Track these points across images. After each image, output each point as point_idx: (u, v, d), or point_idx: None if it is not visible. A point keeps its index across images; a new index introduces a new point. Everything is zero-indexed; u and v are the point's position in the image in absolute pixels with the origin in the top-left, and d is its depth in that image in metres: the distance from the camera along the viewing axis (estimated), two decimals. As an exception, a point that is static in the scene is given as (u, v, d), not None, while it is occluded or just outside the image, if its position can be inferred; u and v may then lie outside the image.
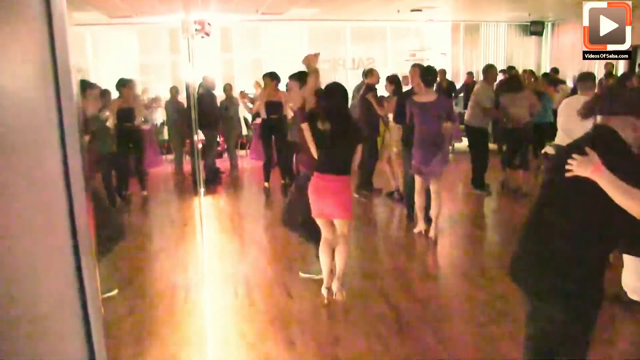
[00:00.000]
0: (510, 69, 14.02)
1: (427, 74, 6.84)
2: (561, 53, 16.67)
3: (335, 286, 5.18)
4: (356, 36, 16.21)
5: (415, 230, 7.17)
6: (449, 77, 14.58)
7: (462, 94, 14.63)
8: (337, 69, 15.86)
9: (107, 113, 8.15)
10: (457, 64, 17.08)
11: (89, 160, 1.22)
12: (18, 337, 1.11)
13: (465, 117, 9.52)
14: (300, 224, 5.59)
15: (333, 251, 5.18)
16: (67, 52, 1.13)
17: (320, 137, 4.95)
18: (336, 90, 5.04)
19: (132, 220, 8.41)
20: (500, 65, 15.47)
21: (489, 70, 9.60)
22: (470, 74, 15.13)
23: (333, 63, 15.99)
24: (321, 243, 5.20)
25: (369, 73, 9.10)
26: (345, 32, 16.06)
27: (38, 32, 1.09)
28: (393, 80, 8.76)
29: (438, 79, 13.41)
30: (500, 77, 11.30)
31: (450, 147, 11.03)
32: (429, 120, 6.66)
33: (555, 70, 14.81)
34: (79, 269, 1.19)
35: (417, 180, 6.96)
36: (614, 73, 13.15)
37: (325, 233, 5.16)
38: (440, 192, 6.91)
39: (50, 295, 1.17)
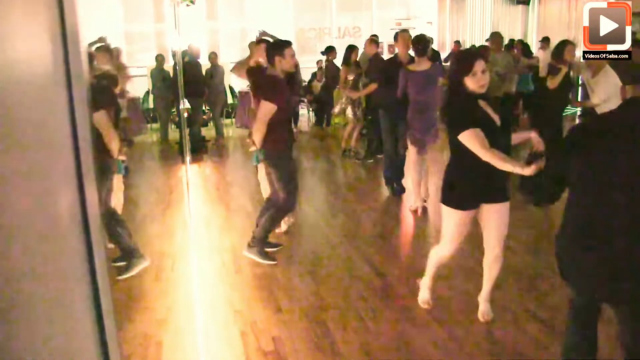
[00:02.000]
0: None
1: (418, 42, 6.69)
2: (548, 22, 16.64)
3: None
4: (342, 5, 16.09)
5: (412, 208, 6.93)
6: (435, 46, 14.53)
7: (449, 63, 14.59)
8: (322, 38, 15.77)
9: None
10: (443, 33, 17.02)
11: None
12: (33, 319, 1.12)
13: None
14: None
15: None
16: (76, 18, 1.13)
17: None
18: None
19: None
20: (488, 34, 15.46)
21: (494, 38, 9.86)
22: (457, 42, 15.11)
23: (319, 32, 15.89)
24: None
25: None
26: (331, 0, 15.93)
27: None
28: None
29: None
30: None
31: None
32: (425, 89, 6.54)
33: (545, 39, 14.81)
34: (90, 252, 1.20)
35: (412, 152, 6.77)
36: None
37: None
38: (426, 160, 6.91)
39: (60, 278, 1.18)
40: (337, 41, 15.59)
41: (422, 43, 6.68)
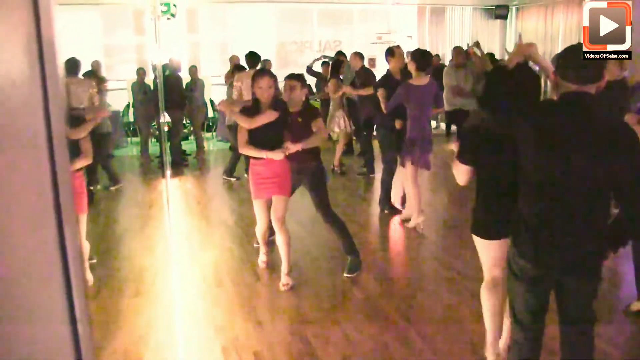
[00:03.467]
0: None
1: (422, 56, 6.53)
2: (525, 36, 16.83)
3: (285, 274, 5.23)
4: (323, 18, 16.17)
5: (411, 225, 6.77)
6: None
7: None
8: (304, 51, 15.82)
9: None
10: (423, 47, 17.13)
11: None
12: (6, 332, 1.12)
13: None
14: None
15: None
16: (53, 30, 1.12)
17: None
18: None
19: (98, 203, 8.28)
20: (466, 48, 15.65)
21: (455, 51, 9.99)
22: (437, 56, 15.22)
23: (300, 45, 15.95)
24: (262, 227, 5.41)
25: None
26: (312, 14, 16.01)
27: (23, 11, 1.09)
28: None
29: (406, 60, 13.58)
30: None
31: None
32: (424, 105, 6.40)
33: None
34: (64, 258, 1.19)
35: (410, 169, 6.59)
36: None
37: (264, 217, 5.31)
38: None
39: (36, 289, 1.17)
40: (318, 55, 15.68)
41: (425, 57, 6.59)
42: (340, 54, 11.13)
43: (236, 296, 5.07)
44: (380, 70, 10.22)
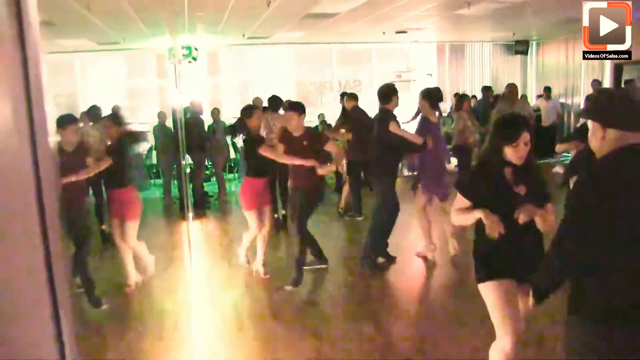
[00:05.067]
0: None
1: (437, 93, 7.01)
2: (546, 71, 16.81)
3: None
4: (342, 58, 16.29)
5: (421, 254, 6.96)
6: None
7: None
8: (323, 91, 15.92)
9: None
10: (443, 84, 17.15)
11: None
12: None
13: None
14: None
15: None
16: (41, 80, 1.11)
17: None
18: None
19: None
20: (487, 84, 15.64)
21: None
22: (457, 95, 15.21)
23: (319, 85, 16.05)
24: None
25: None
26: (331, 54, 16.14)
27: (10, 59, 1.08)
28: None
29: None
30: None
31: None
32: (439, 140, 6.89)
33: (547, 89, 14.99)
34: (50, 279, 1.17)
35: (421, 201, 6.87)
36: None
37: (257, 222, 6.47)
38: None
39: (20, 302, 1.15)
40: (338, 94, 15.77)
41: (440, 95, 7.04)
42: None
43: (257, 340, 5.02)
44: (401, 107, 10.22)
